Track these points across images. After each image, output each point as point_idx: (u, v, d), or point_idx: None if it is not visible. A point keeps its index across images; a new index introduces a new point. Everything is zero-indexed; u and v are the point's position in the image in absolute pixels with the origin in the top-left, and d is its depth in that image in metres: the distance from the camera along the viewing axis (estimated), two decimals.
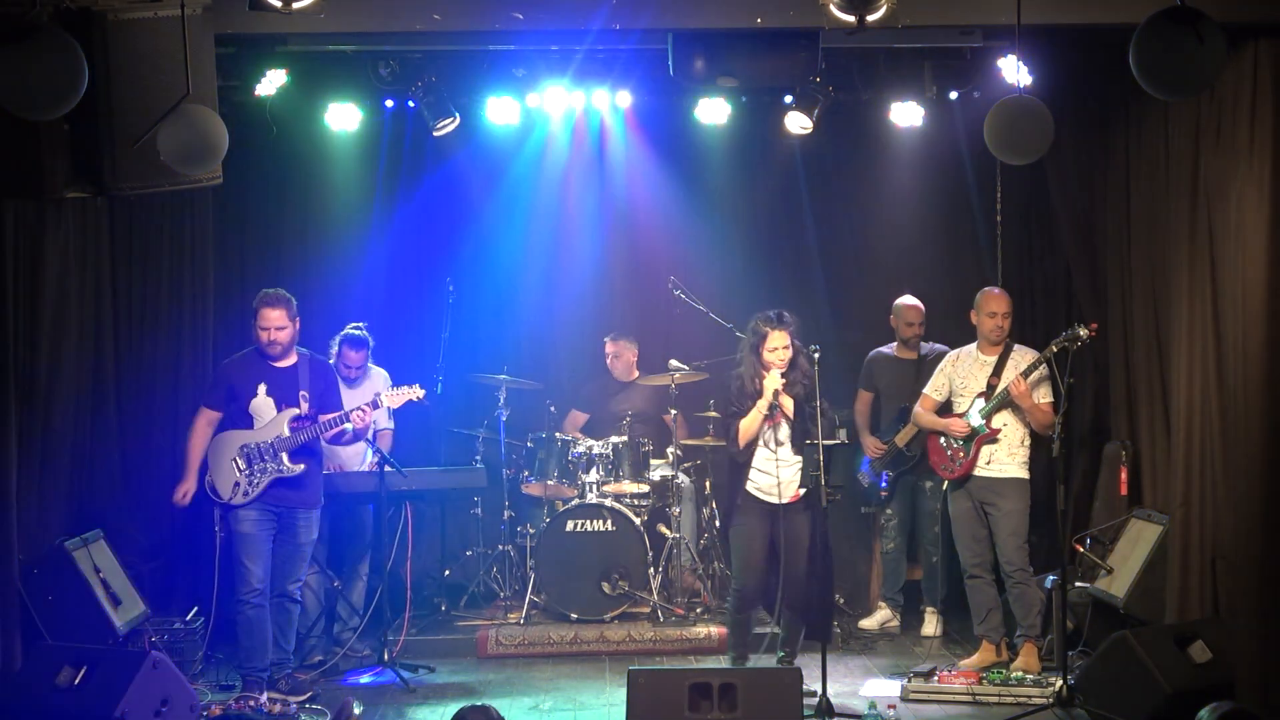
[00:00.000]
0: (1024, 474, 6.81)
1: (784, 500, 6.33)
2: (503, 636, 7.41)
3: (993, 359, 6.87)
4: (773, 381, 6.25)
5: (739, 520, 6.39)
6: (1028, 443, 6.82)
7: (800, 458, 6.35)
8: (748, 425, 6.32)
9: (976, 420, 6.79)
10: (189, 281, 7.57)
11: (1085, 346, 6.59)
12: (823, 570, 6.41)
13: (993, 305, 6.87)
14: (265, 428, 6.44)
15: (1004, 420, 6.79)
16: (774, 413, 6.30)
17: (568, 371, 8.88)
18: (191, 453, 6.50)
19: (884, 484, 7.81)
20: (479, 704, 4.58)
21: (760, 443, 6.34)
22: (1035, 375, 6.67)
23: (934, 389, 7.06)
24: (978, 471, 6.82)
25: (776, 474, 6.29)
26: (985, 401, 6.78)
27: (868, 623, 7.89)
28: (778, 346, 6.29)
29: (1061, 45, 6.57)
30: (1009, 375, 6.76)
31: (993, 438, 6.78)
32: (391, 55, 7.29)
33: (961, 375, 6.95)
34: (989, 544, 6.86)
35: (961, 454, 6.85)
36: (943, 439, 6.96)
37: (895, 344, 7.93)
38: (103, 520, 6.88)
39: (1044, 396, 6.73)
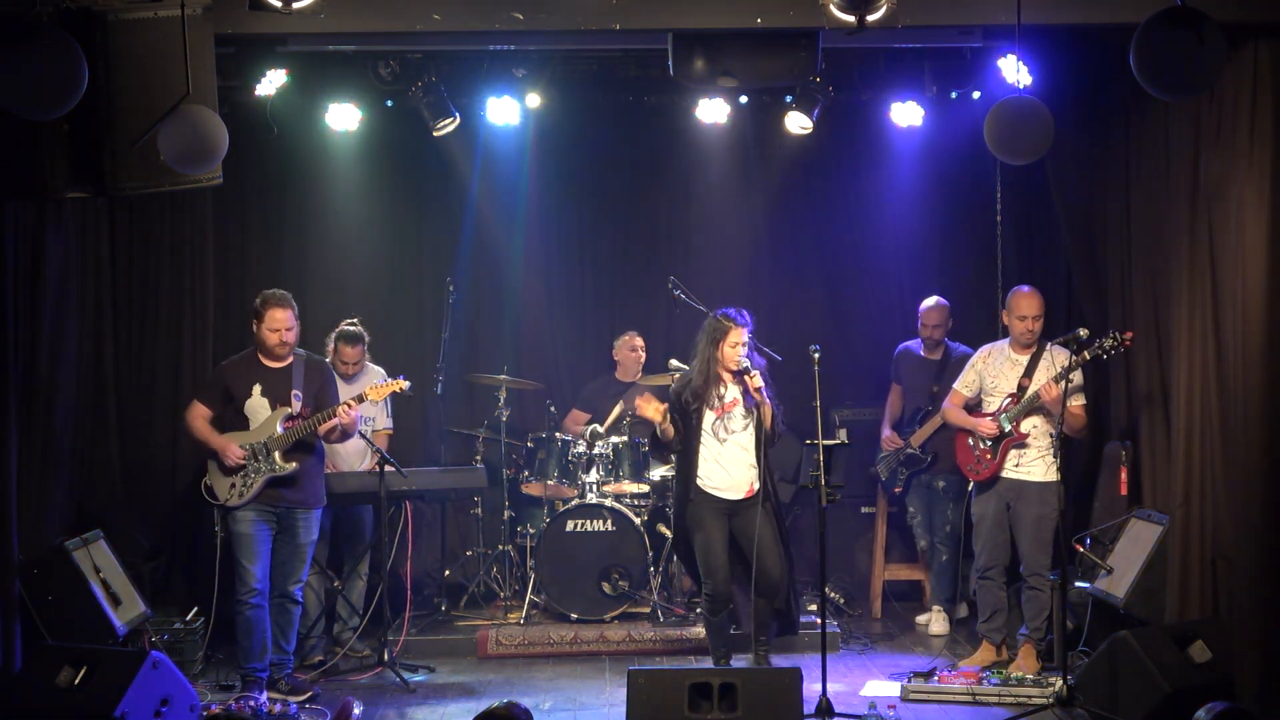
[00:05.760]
0: (1054, 477, 6.63)
1: (739, 496, 6.38)
2: (503, 636, 7.40)
3: (1025, 359, 6.78)
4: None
5: (695, 522, 6.42)
6: (1058, 446, 6.76)
7: (751, 453, 6.38)
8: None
9: (1005, 424, 6.73)
10: (189, 281, 7.58)
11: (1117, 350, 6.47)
12: (789, 560, 6.53)
13: (1023, 308, 6.74)
14: (259, 428, 6.44)
15: (1033, 424, 6.71)
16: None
17: (568, 371, 8.88)
18: (202, 434, 6.46)
19: (894, 483, 7.87)
20: (506, 702, 4.32)
21: (709, 436, 6.38)
22: (1072, 382, 6.56)
23: (964, 385, 6.98)
24: (1006, 474, 6.77)
25: (725, 466, 6.36)
26: (1015, 404, 6.72)
27: (926, 619, 7.93)
28: (738, 343, 6.35)
29: (1061, 45, 6.57)
30: (1040, 377, 6.69)
31: (1021, 441, 6.72)
32: (391, 55, 7.29)
33: (992, 374, 6.87)
34: (1009, 546, 6.82)
35: (989, 455, 6.79)
36: (971, 439, 6.92)
37: (921, 341, 7.97)
38: (103, 520, 6.88)
39: (1077, 400, 6.68)
